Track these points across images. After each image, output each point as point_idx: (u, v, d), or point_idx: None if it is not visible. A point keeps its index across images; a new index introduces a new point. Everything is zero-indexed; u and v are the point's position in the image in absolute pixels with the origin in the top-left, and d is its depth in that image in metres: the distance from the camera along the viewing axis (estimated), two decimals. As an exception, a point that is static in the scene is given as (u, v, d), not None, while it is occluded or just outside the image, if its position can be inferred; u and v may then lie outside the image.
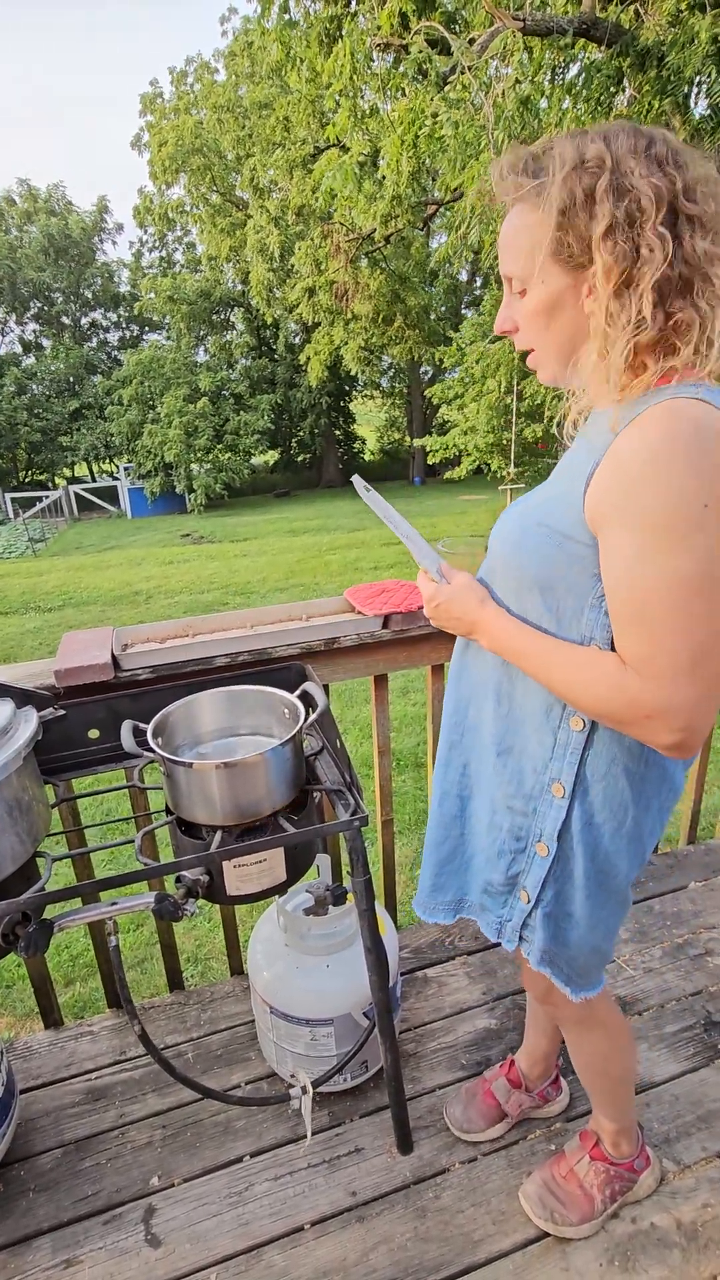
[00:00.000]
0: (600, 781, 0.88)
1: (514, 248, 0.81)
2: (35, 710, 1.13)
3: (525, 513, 0.88)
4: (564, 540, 0.81)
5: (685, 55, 4.33)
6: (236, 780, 1.02)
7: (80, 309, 26.17)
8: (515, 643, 0.85)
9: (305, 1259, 1.15)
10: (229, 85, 18.68)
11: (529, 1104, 1.34)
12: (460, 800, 1.05)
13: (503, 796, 0.95)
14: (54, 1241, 1.19)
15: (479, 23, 5.31)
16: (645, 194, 0.70)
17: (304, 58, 6.36)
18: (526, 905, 0.96)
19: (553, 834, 0.91)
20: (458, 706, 1.02)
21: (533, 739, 0.91)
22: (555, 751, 0.89)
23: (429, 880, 1.10)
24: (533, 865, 0.94)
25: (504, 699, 0.93)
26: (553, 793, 0.90)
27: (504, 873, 0.97)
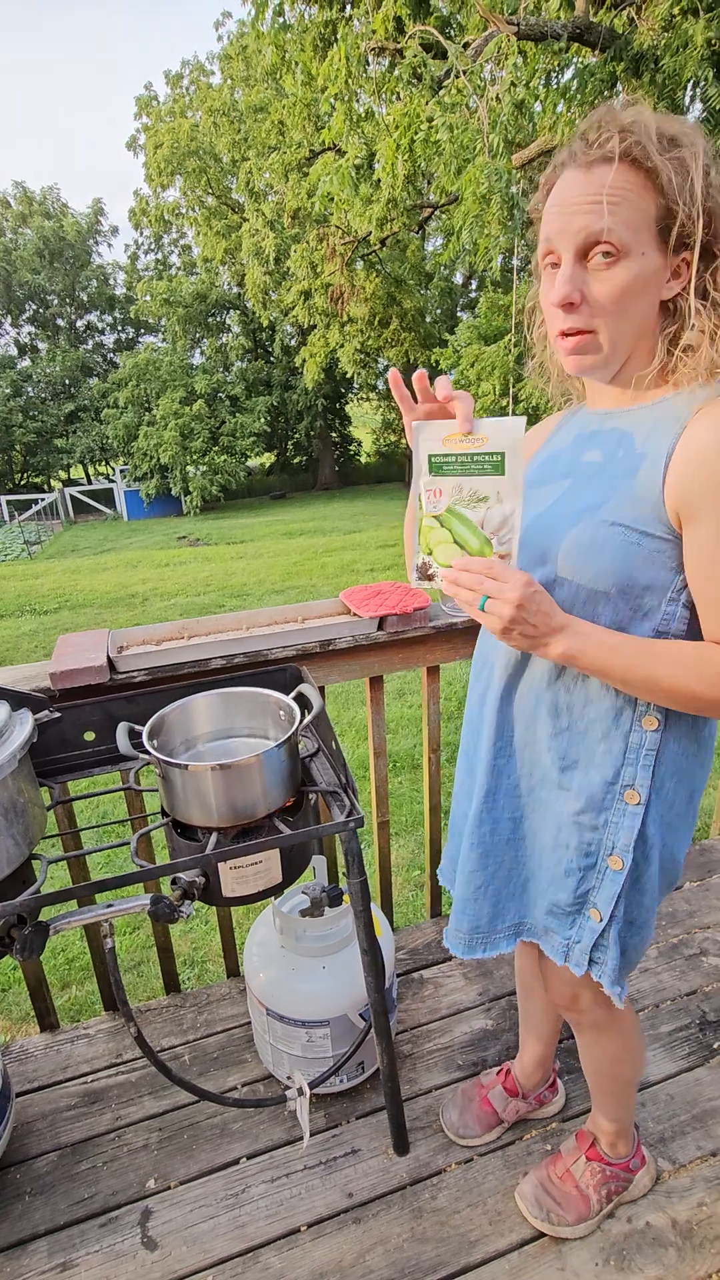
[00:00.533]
0: (673, 773, 0.86)
1: (622, 208, 0.73)
2: (31, 713, 1.13)
3: (591, 514, 0.82)
4: (642, 538, 0.78)
5: (680, 60, 4.36)
6: (232, 782, 1.02)
7: (76, 311, 26.15)
8: (607, 639, 0.78)
9: (302, 1260, 1.15)
10: (224, 88, 18.73)
11: (526, 1110, 1.34)
12: (513, 823, 0.99)
13: (569, 814, 0.90)
14: (50, 1245, 1.19)
15: (473, 27, 5.33)
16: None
17: (299, 61, 6.38)
18: (599, 924, 0.91)
19: (627, 845, 0.88)
20: (500, 730, 0.95)
21: (599, 748, 0.87)
22: (628, 757, 0.85)
23: (489, 908, 1.01)
24: (605, 881, 0.90)
25: (562, 713, 0.88)
26: (626, 801, 0.86)
27: (572, 892, 0.93)
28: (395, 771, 3.80)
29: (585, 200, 0.74)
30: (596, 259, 0.75)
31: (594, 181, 0.73)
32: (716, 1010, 1.55)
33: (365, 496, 21.58)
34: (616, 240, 0.73)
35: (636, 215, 0.73)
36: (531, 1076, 1.33)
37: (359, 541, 11.76)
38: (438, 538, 0.79)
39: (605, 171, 0.73)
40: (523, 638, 0.78)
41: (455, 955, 1.04)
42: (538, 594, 0.77)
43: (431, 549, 0.80)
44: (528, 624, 0.76)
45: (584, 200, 0.74)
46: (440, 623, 1.51)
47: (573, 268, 0.76)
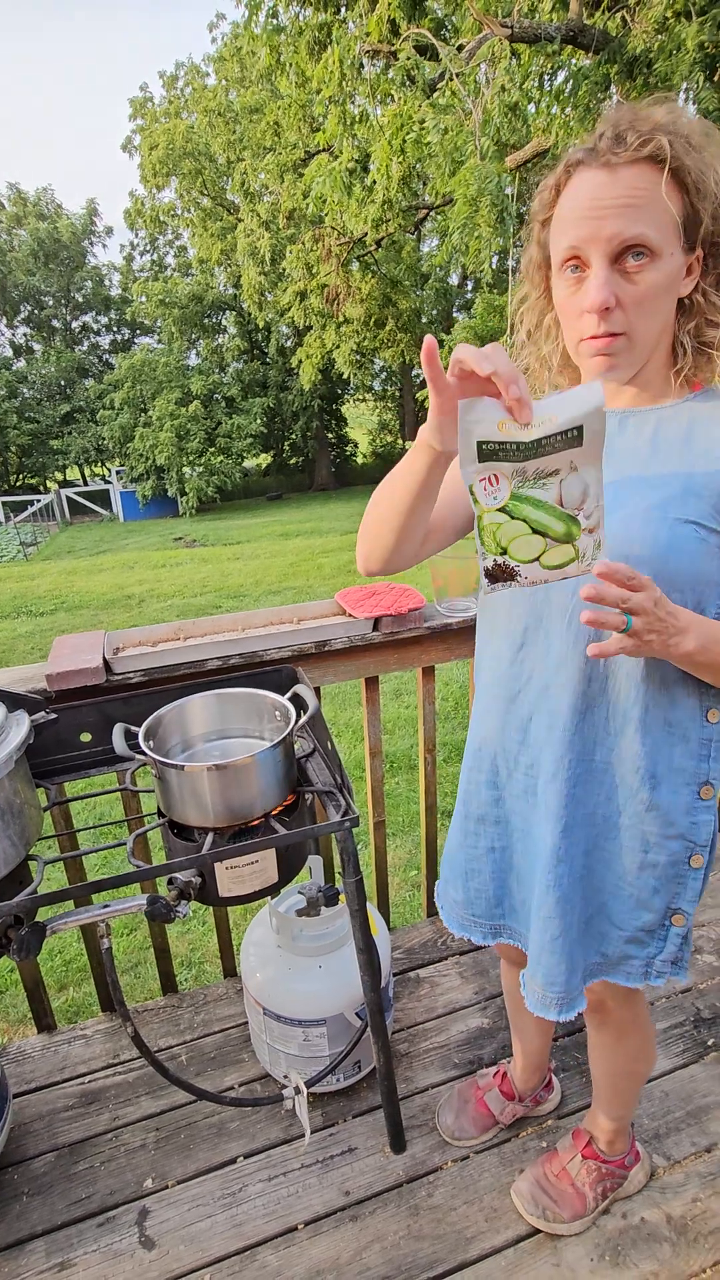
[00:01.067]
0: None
1: (653, 211, 0.72)
2: (27, 714, 1.13)
3: (659, 511, 0.78)
4: (710, 534, 0.78)
5: (672, 63, 4.39)
6: (228, 782, 1.02)
7: (71, 313, 26.12)
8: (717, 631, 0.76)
9: (299, 1258, 1.16)
10: (219, 89, 18.73)
11: (523, 1111, 1.35)
12: (585, 856, 0.91)
13: (658, 829, 0.87)
14: (48, 1245, 1.19)
15: (467, 30, 5.35)
16: None
17: (293, 63, 6.39)
18: (682, 928, 0.91)
19: (708, 840, 0.88)
20: (580, 755, 0.88)
21: (678, 752, 0.85)
22: (701, 753, 0.85)
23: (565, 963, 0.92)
24: (686, 883, 0.89)
25: (649, 729, 0.84)
26: (702, 797, 0.87)
27: (661, 910, 0.90)
28: (392, 772, 3.81)
29: (618, 203, 0.71)
30: (629, 261, 0.73)
31: (624, 183, 0.71)
32: (711, 1007, 1.56)
33: (362, 497, 21.58)
34: (651, 243, 0.72)
35: (666, 216, 0.72)
36: (529, 1081, 1.34)
37: (355, 543, 11.76)
38: (510, 532, 0.66)
39: (638, 172, 0.71)
40: (656, 638, 0.72)
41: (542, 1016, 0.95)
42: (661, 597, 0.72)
43: (505, 546, 0.67)
44: (661, 622, 0.71)
45: (617, 203, 0.71)
46: (435, 623, 1.52)
47: (608, 271, 0.74)
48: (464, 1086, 1.39)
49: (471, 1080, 1.40)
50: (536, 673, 0.90)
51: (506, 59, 4.58)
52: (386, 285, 15.25)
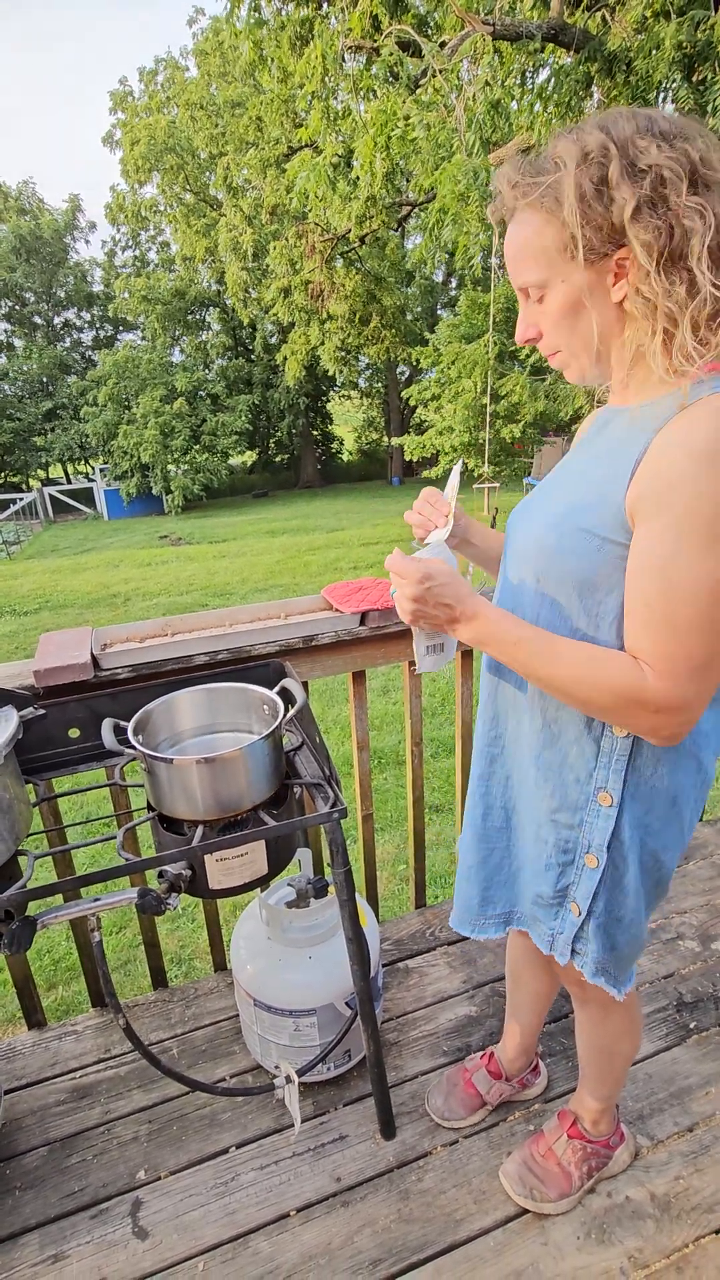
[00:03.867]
0: (647, 783, 0.87)
1: (527, 254, 0.80)
2: (15, 710, 1.13)
3: (561, 518, 0.84)
4: (604, 543, 0.79)
5: (651, 62, 4.42)
6: (217, 775, 1.03)
7: (53, 309, 25.83)
8: (514, 631, 0.82)
9: (291, 1245, 1.17)
10: (201, 83, 18.59)
11: (509, 1092, 1.38)
12: (505, 812, 1.04)
13: (546, 810, 0.94)
14: (41, 1237, 1.20)
15: (450, 26, 5.36)
16: (666, 166, 0.70)
17: (275, 58, 6.36)
18: (578, 918, 0.95)
19: (602, 845, 0.90)
20: (495, 721, 1.01)
21: (573, 750, 0.89)
22: (600, 760, 0.87)
23: (478, 894, 1.08)
24: (582, 878, 0.93)
25: (536, 714, 0.92)
26: (599, 802, 0.89)
27: (553, 885, 0.96)
28: (380, 768, 3.83)
29: (508, 254, 0.84)
30: (532, 295, 0.83)
31: (509, 234, 0.83)
32: (693, 992, 1.60)
33: (348, 495, 21.58)
34: (533, 283, 0.81)
35: (541, 252, 0.79)
36: (515, 1061, 1.37)
37: (342, 540, 11.77)
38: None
39: (516, 221, 0.81)
40: (430, 624, 0.87)
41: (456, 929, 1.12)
42: (434, 588, 0.83)
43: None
44: (428, 615, 0.85)
45: (507, 254, 0.84)
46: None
47: (523, 309, 0.86)
48: (452, 1071, 1.42)
49: (460, 1065, 1.43)
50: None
51: (489, 55, 4.59)
52: (371, 282, 15.24)
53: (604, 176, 0.72)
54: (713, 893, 1.89)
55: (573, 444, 1.01)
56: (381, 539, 11.38)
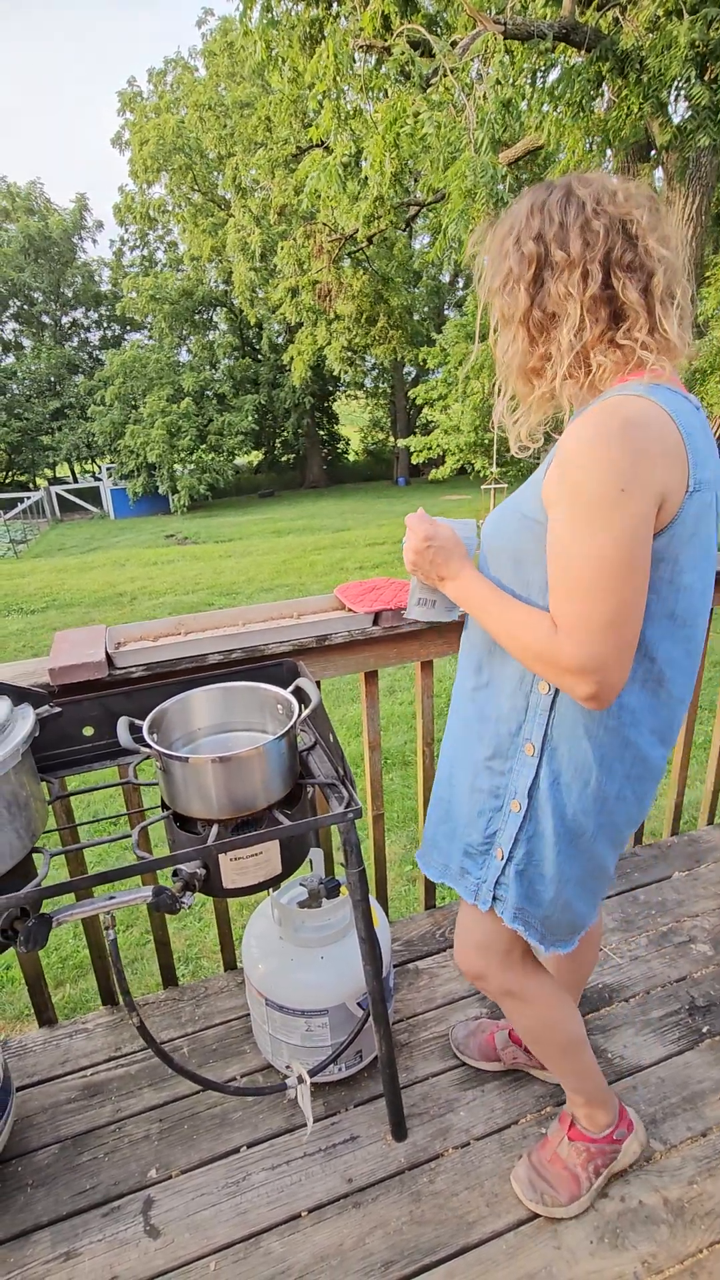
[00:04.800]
0: (565, 741, 0.95)
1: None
2: (31, 708, 1.13)
3: (507, 503, 1.00)
4: (529, 522, 0.92)
5: (664, 60, 4.41)
6: (232, 774, 1.03)
7: (61, 308, 25.93)
8: (481, 593, 0.96)
9: (303, 1245, 1.17)
10: (209, 84, 18.63)
11: (524, 1061, 1.41)
12: (449, 765, 1.12)
13: (483, 759, 1.03)
14: (53, 1235, 1.20)
15: (461, 26, 5.35)
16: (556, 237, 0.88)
17: (286, 58, 6.37)
18: (500, 862, 1.03)
19: (524, 791, 0.99)
20: (461, 678, 1.11)
21: (506, 704, 1.00)
22: (528, 714, 0.97)
23: (429, 834, 1.18)
24: (507, 823, 1.01)
25: (484, 669, 1.03)
26: (525, 752, 0.98)
27: (482, 832, 1.05)
28: (387, 768, 3.82)
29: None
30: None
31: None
32: (705, 996, 1.59)
33: (354, 495, 21.59)
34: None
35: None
36: None
37: (348, 540, 11.77)
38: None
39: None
40: (424, 577, 1.04)
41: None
42: (429, 549, 1.00)
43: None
44: (423, 567, 1.02)
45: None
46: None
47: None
48: (485, 1020, 1.51)
49: (493, 1019, 1.52)
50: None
51: (500, 54, 4.58)
52: (378, 282, 15.25)
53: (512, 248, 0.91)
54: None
55: None
56: (387, 539, 11.37)
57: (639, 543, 0.82)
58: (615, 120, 4.96)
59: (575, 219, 0.86)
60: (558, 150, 6.02)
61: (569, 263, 0.86)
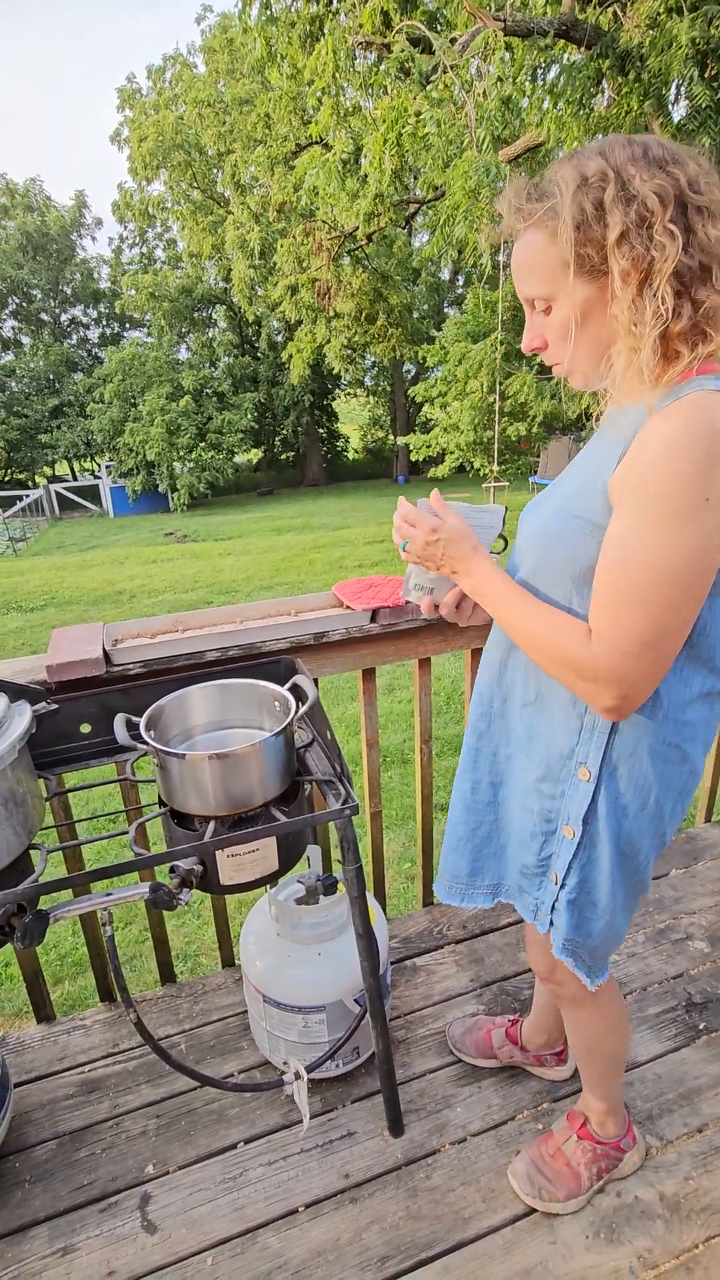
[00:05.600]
0: (626, 762, 0.90)
1: (531, 270, 0.85)
2: (29, 704, 1.13)
3: (558, 507, 0.90)
4: (594, 529, 0.83)
5: (665, 58, 4.40)
6: (229, 771, 1.03)
7: (59, 306, 25.88)
8: (500, 589, 0.90)
9: (300, 1240, 1.17)
10: (209, 80, 18.58)
11: (521, 1058, 1.42)
12: (493, 787, 1.07)
13: (533, 780, 0.98)
14: (50, 1230, 1.20)
15: (461, 23, 5.34)
16: (650, 196, 0.75)
17: (285, 55, 6.35)
18: (555, 888, 0.99)
19: (579, 817, 0.93)
20: (484, 697, 1.05)
21: (559, 723, 0.93)
22: (582, 735, 0.91)
23: (467, 865, 1.11)
24: (561, 848, 0.97)
25: (530, 686, 0.97)
26: (579, 776, 0.92)
27: (536, 854, 1.00)
28: (385, 766, 3.82)
29: (514, 268, 0.88)
30: (538, 310, 0.87)
31: (516, 250, 0.87)
32: (702, 992, 1.59)
33: (353, 493, 21.58)
34: (541, 294, 0.85)
35: (547, 268, 0.83)
36: (534, 1037, 1.40)
37: (347, 538, 11.77)
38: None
39: (524, 238, 0.85)
40: (433, 566, 0.96)
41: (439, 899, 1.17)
42: (439, 542, 0.93)
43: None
44: (435, 561, 0.95)
45: (514, 269, 0.88)
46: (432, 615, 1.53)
47: (530, 319, 0.90)
48: (482, 1017, 1.51)
49: (490, 1016, 1.51)
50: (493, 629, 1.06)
51: (500, 51, 4.57)
52: (377, 280, 15.22)
53: (601, 200, 0.77)
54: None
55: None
56: (386, 537, 11.36)
57: (709, 556, 0.76)
58: (616, 118, 4.96)
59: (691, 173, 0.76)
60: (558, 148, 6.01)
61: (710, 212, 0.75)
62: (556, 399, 11.62)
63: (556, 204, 0.79)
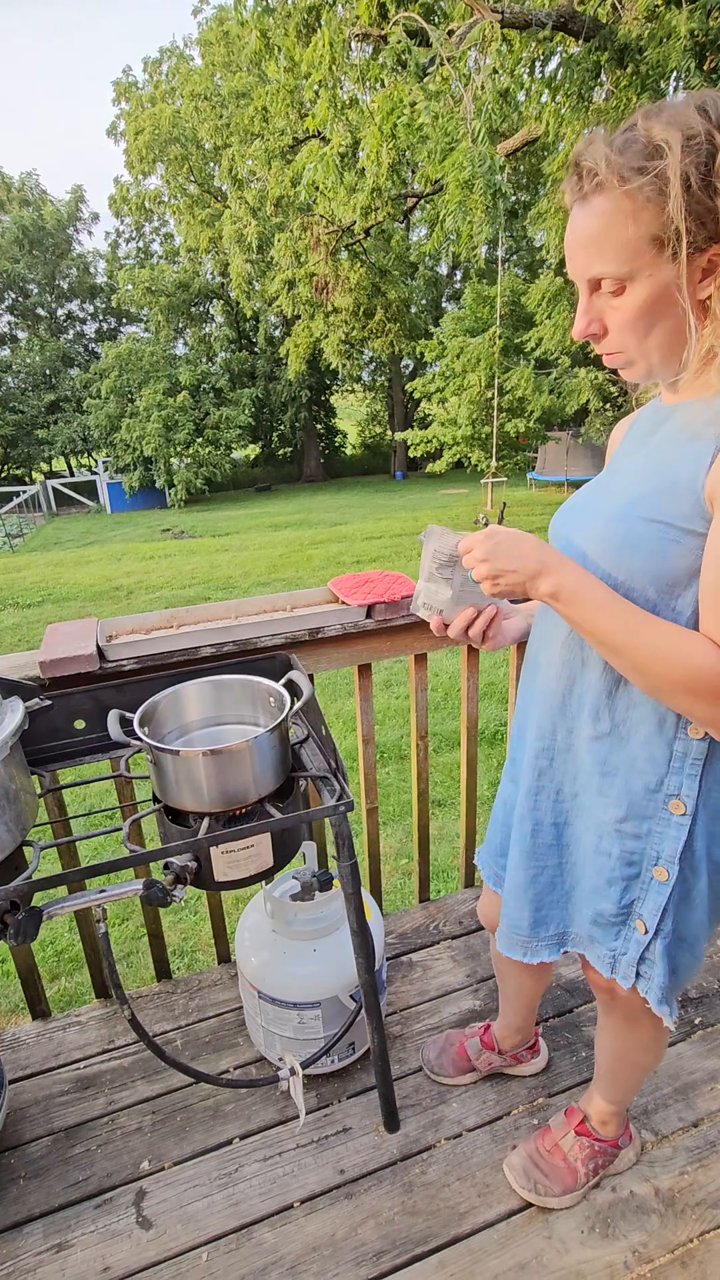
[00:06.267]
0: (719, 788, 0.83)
1: (609, 243, 0.73)
2: (21, 701, 1.13)
3: (625, 512, 0.81)
4: (682, 534, 0.75)
5: (663, 50, 4.38)
6: (223, 767, 1.03)
7: (56, 300, 25.77)
8: (598, 593, 0.77)
9: (295, 1236, 1.17)
10: (205, 73, 18.48)
11: (500, 1064, 1.40)
12: (555, 828, 0.98)
13: (610, 820, 0.89)
14: (45, 1227, 1.20)
15: (458, 14, 5.30)
16: None
17: (282, 47, 6.31)
18: (645, 937, 0.90)
19: (673, 855, 0.85)
20: (545, 730, 0.95)
21: (641, 754, 0.85)
22: (672, 765, 0.83)
23: (529, 915, 1.01)
24: (649, 892, 0.88)
25: (603, 717, 0.87)
26: (670, 810, 0.84)
27: (616, 902, 0.91)
28: (382, 762, 3.82)
29: (580, 240, 0.76)
30: (605, 290, 0.77)
31: (583, 219, 0.75)
32: (697, 988, 1.59)
33: (351, 489, 21.54)
34: (614, 274, 0.74)
35: (630, 241, 0.72)
36: (508, 1039, 1.39)
37: (345, 534, 11.75)
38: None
39: (600, 203, 0.73)
40: (511, 585, 0.81)
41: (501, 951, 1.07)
42: (501, 542, 0.81)
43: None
44: (506, 571, 0.80)
45: (577, 241, 0.76)
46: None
47: (587, 301, 0.79)
48: (452, 1032, 1.47)
49: (460, 1029, 1.46)
50: (540, 651, 0.97)
51: (498, 43, 4.55)
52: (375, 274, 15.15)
53: (710, 165, 0.67)
54: (718, 889, 1.88)
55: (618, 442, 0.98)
56: (384, 533, 11.36)
57: None
58: (614, 111, 4.93)
59: None
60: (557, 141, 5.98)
61: None
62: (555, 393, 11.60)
63: (664, 167, 0.68)
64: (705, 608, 0.75)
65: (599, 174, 0.72)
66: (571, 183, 0.76)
